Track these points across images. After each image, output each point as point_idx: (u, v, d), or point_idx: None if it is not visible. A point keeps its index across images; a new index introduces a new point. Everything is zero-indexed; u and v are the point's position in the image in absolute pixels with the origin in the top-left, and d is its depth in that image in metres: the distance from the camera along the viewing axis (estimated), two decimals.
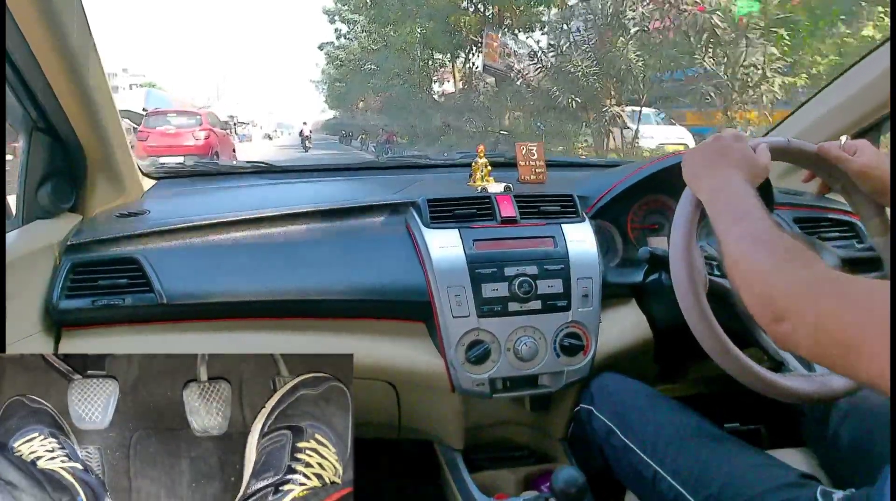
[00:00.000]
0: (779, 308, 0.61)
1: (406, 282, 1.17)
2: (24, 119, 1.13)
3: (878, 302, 0.52)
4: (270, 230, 1.23)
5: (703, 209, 0.93)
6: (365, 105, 29.91)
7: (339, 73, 30.16)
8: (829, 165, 0.93)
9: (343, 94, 33.20)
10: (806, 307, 0.59)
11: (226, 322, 1.15)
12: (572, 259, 1.18)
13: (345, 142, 27.55)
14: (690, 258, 0.89)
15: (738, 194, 0.79)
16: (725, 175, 0.83)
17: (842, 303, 0.56)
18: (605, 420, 1.05)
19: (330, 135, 43.69)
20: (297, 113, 67.62)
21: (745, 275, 0.68)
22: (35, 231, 1.13)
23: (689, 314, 0.88)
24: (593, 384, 1.14)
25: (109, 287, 1.10)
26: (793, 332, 0.60)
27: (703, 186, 0.85)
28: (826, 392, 0.88)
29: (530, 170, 1.50)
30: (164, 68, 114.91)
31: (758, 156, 0.87)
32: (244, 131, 44.82)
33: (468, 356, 1.13)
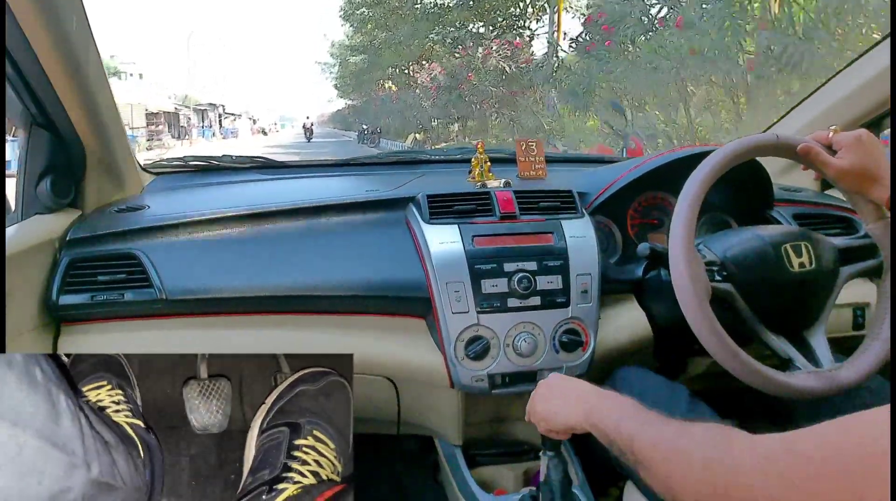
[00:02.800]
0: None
1: (405, 278, 1.17)
2: (23, 114, 1.13)
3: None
4: (270, 226, 1.23)
5: (702, 206, 0.93)
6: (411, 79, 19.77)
7: (361, 39, 22.26)
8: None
9: (362, 71, 25.21)
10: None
11: (224, 318, 1.15)
12: (572, 255, 1.18)
13: (367, 141, 20.10)
14: (690, 256, 0.89)
15: (611, 408, 0.75)
16: (580, 406, 0.79)
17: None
18: None
19: (341, 128, 38.47)
20: (300, 104, 65.20)
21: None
22: (34, 226, 1.13)
23: (690, 313, 0.88)
24: (616, 376, 1.11)
25: (108, 283, 1.10)
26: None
27: (579, 419, 0.78)
28: (833, 386, 0.89)
29: (530, 166, 1.49)
30: (152, 55, 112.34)
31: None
32: (231, 125, 40.18)
33: (467, 352, 1.13)
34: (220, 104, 42.28)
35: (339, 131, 34.69)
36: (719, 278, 1.00)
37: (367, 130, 20.72)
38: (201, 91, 47.07)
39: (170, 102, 34.13)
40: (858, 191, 0.91)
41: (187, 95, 40.64)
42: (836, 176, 0.91)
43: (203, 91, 47.97)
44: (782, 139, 0.95)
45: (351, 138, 26.03)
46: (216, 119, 42.36)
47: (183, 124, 34.61)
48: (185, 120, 35.51)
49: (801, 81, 4.98)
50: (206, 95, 46.13)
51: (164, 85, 42.27)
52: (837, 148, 0.92)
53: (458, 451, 1.27)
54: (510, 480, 1.27)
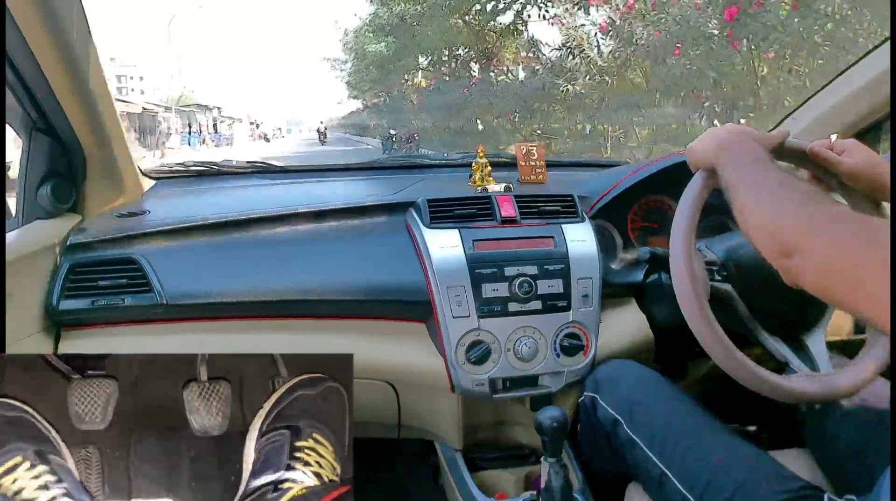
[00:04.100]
0: (787, 243, 0.63)
1: (406, 282, 1.17)
2: (23, 119, 1.13)
3: (882, 243, 0.54)
4: (270, 230, 1.23)
5: (703, 210, 0.93)
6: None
7: (387, 16, 15.92)
8: (820, 164, 0.93)
9: (387, 59, 18.78)
10: (813, 243, 0.60)
11: (225, 322, 1.15)
12: (572, 259, 1.18)
13: (395, 150, 15.59)
14: (691, 259, 0.89)
15: (751, 152, 0.80)
16: (736, 139, 0.84)
17: (848, 242, 0.58)
18: (611, 411, 1.02)
19: (353, 134, 33.08)
20: (307, 108, 61.18)
21: (755, 214, 0.70)
22: (35, 231, 1.13)
23: (690, 317, 0.88)
24: (599, 371, 1.11)
25: (109, 287, 1.10)
26: (800, 267, 0.61)
27: (713, 150, 0.85)
28: (831, 392, 0.88)
29: (530, 170, 1.50)
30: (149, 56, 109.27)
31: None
32: (228, 130, 33.97)
33: (468, 357, 1.13)
34: (216, 106, 36.57)
35: (354, 137, 29.62)
36: (719, 278, 1.00)
37: (397, 137, 16.15)
38: (195, 92, 40.51)
39: (140, 103, 28.53)
40: (870, 189, 0.91)
41: (183, 95, 36.13)
42: (849, 175, 0.90)
43: (199, 93, 41.16)
44: (789, 142, 0.95)
45: (371, 146, 20.93)
46: (209, 123, 36.04)
47: (164, 128, 29.07)
48: (161, 123, 29.37)
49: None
50: (205, 96, 39.93)
51: (157, 85, 38.19)
52: (840, 152, 0.92)
53: (459, 455, 1.27)
54: (511, 484, 1.26)
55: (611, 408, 1.03)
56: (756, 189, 0.72)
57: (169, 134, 29.85)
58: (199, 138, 30.37)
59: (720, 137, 0.86)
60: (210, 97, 40.48)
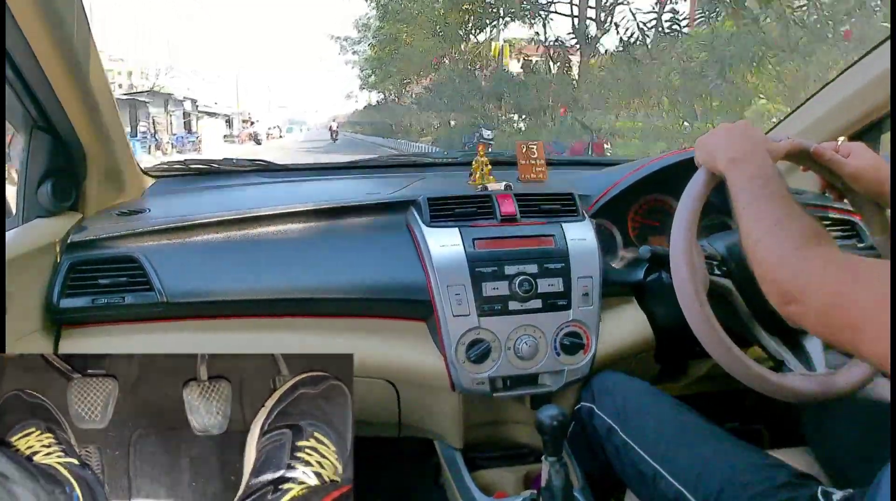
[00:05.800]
0: (789, 291, 0.65)
1: (406, 281, 1.17)
2: (23, 117, 1.13)
3: (878, 284, 0.55)
4: (271, 229, 1.23)
5: (703, 209, 0.93)
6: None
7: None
8: (825, 165, 0.93)
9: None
10: (815, 291, 0.63)
11: (226, 321, 1.15)
12: (573, 258, 1.18)
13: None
14: (691, 258, 0.89)
15: (761, 168, 0.81)
16: (748, 150, 0.85)
17: (848, 288, 0.60)
18: (606, 418, 1.05)
19: (367, 133, 26.25)
20: (311, 103, 57.12)
21: (760, 258, 0.72)
22: (35, 230, 1.13)
23: (690, 314, 0.88)
24: (594, 382, 1.13)
25: (109, 286, 1.10)
26: (802, 314, 0.64)
27: (724, 160, 0.86)
28: (828, 391, 0.88)
29: (530, 168, 1.49)
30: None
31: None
32: (195, 130, 23.45)
33: (468, 355, 1.13)
34: (189, 98, 24.71)
35: (370, 138, 23.46)
36: (719, 273, 1.00)
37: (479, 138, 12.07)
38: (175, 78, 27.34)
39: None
40: (874, 192, 0.91)
41: (155, 84, 24.24)
42: (853, 176, 0.90)
43: (189, 86, 27.96)
44: (795, 142, 0.95)
45: (395, 150, 15.05)
46: (171, 121, 23.05)
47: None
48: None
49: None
50: (180, 86, 26.30)
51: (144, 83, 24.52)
52: (847, 154, 0.92)
53: (459, 454, 1.27)
54: (511, 483, 1.26)
55: (606, 416, 1.05)
56: (757, 218, 0.75)
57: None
58: (153, 140, 20.08)
59: (733, 146, 0.87)
60: (189, 88, 27.15)
